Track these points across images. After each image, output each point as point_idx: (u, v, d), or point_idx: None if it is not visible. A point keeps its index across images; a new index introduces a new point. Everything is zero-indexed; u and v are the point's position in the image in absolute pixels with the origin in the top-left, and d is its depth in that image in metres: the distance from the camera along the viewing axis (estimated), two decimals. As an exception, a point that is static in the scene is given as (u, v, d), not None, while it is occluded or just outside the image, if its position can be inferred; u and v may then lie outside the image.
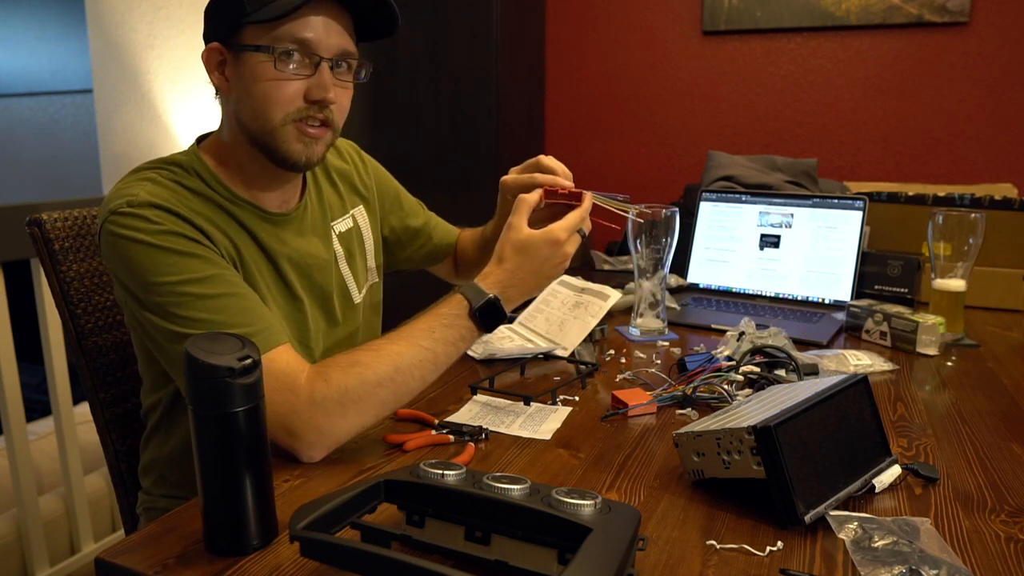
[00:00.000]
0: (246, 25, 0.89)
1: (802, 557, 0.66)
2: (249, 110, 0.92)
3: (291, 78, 0.90)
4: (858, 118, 2.40)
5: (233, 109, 0.94)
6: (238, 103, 0.93)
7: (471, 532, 0.62)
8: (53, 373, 1.88)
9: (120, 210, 0.86)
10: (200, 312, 0.84)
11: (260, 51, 0.89)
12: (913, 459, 0.86)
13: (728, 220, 1.67)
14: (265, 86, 0.90)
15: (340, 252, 1.10)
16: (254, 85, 0.90)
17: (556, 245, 0.90)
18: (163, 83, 2.98)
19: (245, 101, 0.92)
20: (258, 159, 0.95)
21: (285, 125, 0.91)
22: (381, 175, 1.25)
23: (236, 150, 0.96)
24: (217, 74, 0.94)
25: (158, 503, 1.05)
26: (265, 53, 0.89)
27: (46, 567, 1.83)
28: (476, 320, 0.88)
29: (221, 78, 0.93)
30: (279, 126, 0.91)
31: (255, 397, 0.64)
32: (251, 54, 0.89)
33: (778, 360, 1.09)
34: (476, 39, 2.40)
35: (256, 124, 0.92)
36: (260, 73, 0.89)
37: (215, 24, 0.92)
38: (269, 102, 0.90)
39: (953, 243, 1.32)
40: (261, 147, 0.93)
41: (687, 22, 2.54)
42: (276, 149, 0.92)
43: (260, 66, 0.89)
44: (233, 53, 0.91)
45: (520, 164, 1.08)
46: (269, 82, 0.89)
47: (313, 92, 0.91)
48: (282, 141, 0.92)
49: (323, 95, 0.91)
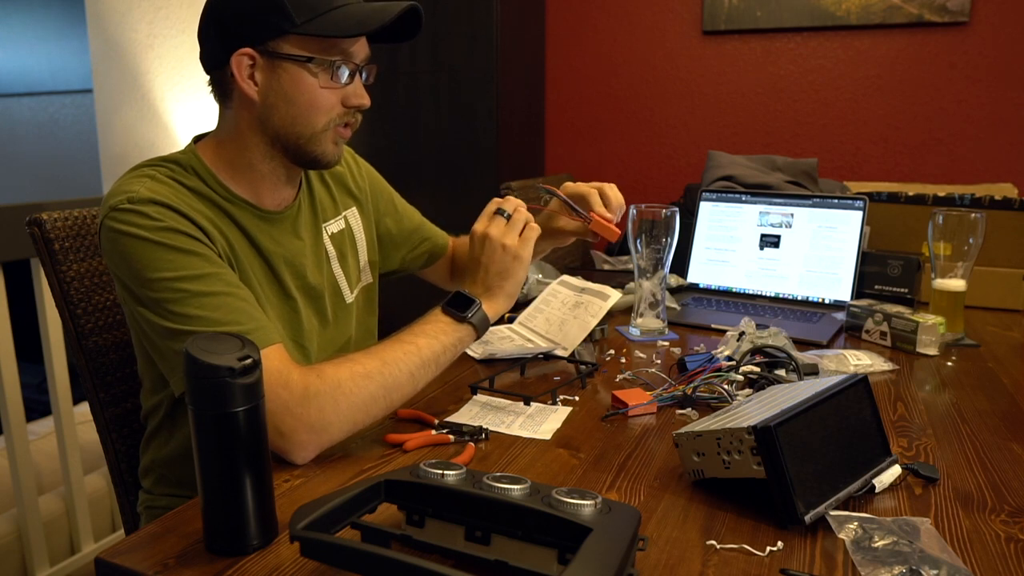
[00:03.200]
0: (290, 34, 0.90)
1: (802, 557, 0.66)
2: (287, 116, 0.93)
3: (337, 88, 0.94)
4: (858, 118, 2.40)
5: (258, 114, 0.94)
6: (270, 108, 0.93)
7: (471, 532, 0.62)
8: (53, 373, 1.88)
9: (120, 206, 0.87)
10: (195, 309, 0.84)
11: (308, 62, 0.91)
12: (913, 459, 0.86)
13: (728, 220, 1.67)
14: (312, 95, 0.93)
15: (332, 252, 1.10)
16: (298, 94, 0.92)
17: (475, 236, 0.97)
18: (163, 83, 2.98)
19: (282, 107, 0.93)
20: (275, 160, 0.97)
21: (326, 131, 0.96)
22: (374, 177, 1.26)
23: (246, 151, 0.96)
24: (245, 80, 0.92)
25: (159, 502, 1.05)
26: (313, 64, 0.91)
27: (46, 567, 1.83)
28: (451, 313, 0.93)
29: (250, 83, 0.93)
30: (320, 132, 0.95)
31: (255, 397, 0.64)
32: (295, 64, 0.91)
33: (778, 360, 1.09)
34: (476, 39, 2.40)
35: (295, 129, 0.94)
36: (306, 82, 0.92)
37: (246, 29, 0.91)
38: (315, 110, 0.93)
39: (953, 243, 1.32)
40: (292, 150, 0.96)
41: (687, 22, 2.54)
42: (311, 151, 0.96)
43: (306, 76, 0.92)
44: (268, 60, 0.91)
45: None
46: (317, 91, 0.93)
47: (351, 99, 0.96)
48: (319, 144, 0.96)
49: (362, 102, 0.97)
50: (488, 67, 2.40)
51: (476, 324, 0.93)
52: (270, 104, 0.93)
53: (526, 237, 0.96)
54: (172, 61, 2.97)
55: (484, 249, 0.95)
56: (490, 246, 0.95)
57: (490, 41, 2.39)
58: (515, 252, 0.95)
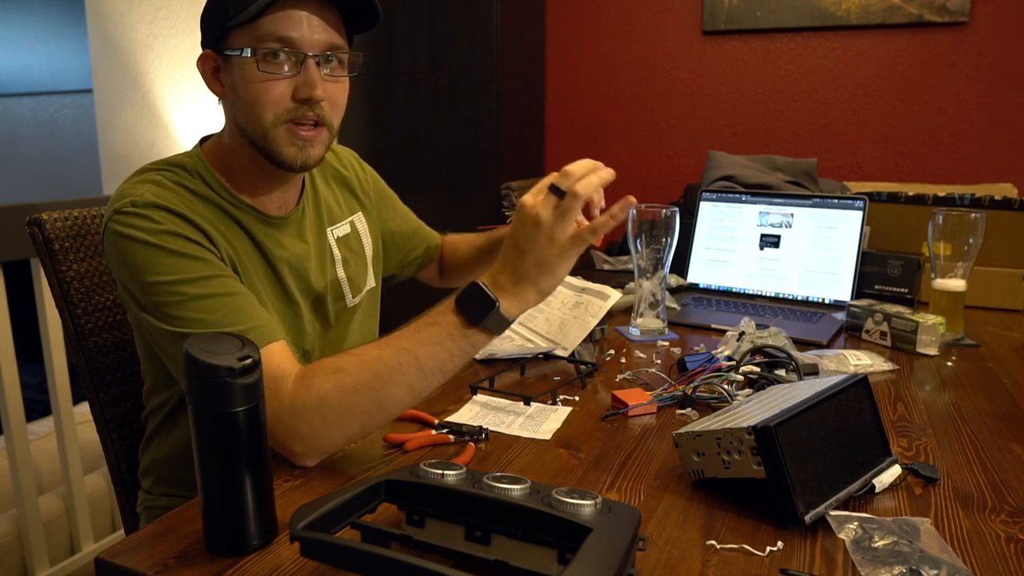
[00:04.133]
0: (232, 30, 0.89)
1: (802, 557, 0.66)
2: (243, 114, 0.92)
3: (277, 78, 0.89)
4: (858, 118, 2.40)
5: (231, 114, 0.95)
6: (233, 107, 0.94)
7: (471, 532, 0.62)
8: (53, 373, 1.88)
9: (124, 209, 0.87)
10: (193, 312, 0.84)
11: (247, 54, 0.89)
12: (913, 459, 0.86)
13: (728, 220, 1.67)
14: (253, 88, 0.89)
15: (338, 257, 1.10)
16: (244, 88, 0.90)
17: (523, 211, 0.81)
18: (163, 83, 2.98)
19: (238, 105, 0.92)
20: (258, 161, 0.96)
21: (277, 127, 0.91)
22: (379, 183, 1.27)
23: (237, 152, 0.97)
24: (213, 80, 0.95)
25: (159, 501, 1.05)
26: (250, 55, 0.89)
27: (46, 567, 1.83)
28: (463, 313, 0.79)
29: (217, 84, 0.94)
30: (270, 128, 0.91)
31: (255, 397, 0.64)
32: (238, 58, 0.90)
33: (778, 360, 1.09)
34: (476, 39, 2.40)
35: (250, 127, 0.92)
36: (248, 76, 0.90)
37: (206, 32, 0.93)
38: (258, 104, 0.90)
39: (953, 243, 1.32)
40: (258, 149, 0.94)
41: (687, 22, 2.54)
42: (271, 152, 0.92)
43: (247, 69, 0.90)
44: (224, 58, 0.92)
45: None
46: (257, 84, 0.89)
47: (300, 90, 0.90)
48: (275, 144, 0.91)
49: (310, 93, 0.89)
50: (488, 67, 2.40)
51: (491, 328, 0.80)
52: (232, 103, 0.94)
53: (580, 237, 0.80)
54: (172, 61, 2.97)
55: (527, 232, 0.79)
56: (536, 232, 0.79)
57: (490, 41, 2.39)
58: (562, 249, 0.79)
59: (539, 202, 0.80)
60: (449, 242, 1.36)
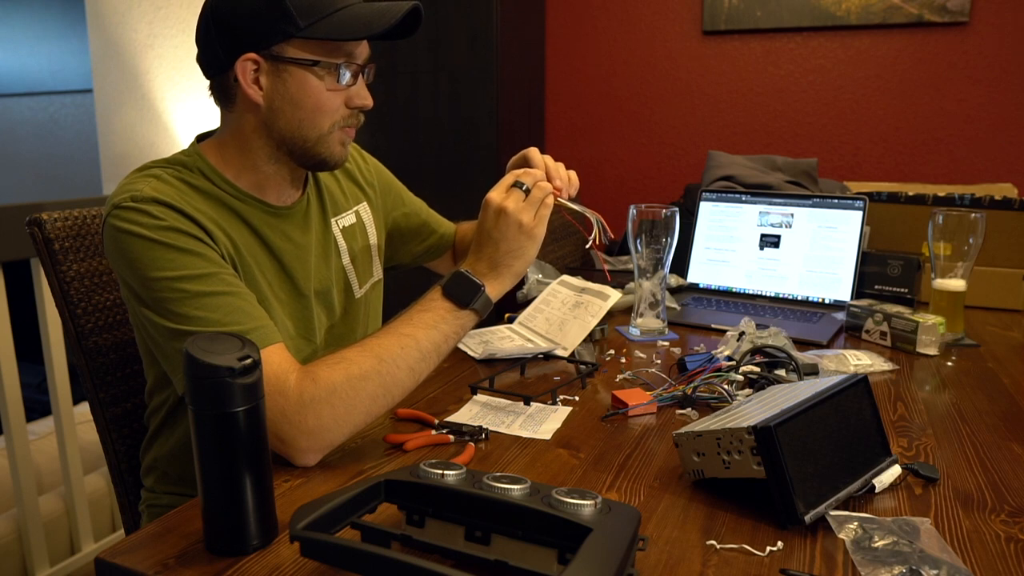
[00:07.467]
0: (294, 37, 0.90)
1: (802, 557, 0.66)
2: (294, 120, 0.93)
3: (341, 89, 0.94)
4: (858, 118, 2.40)
5: (263, 118, 0.94)
6: (275, 112, 0.93)
7: (471, 532, 0.62)
8: (53, 373, 1.88)
9: (123, 204, 0.87)
10: (194, 309, 0.84)
11: (313, 65, 0.91)
12: (913, 459, 0.86)
13: (728, 220, 1.67)
14: (318, 98, 0.93)
15: (343, 247, 1.10)
16: (304, 97, 0.92)
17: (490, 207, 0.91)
18: (163, 83, 2.98)
19: (288, 111, 0.93)
20: (280, 162, 0.97)
21: (332, 132, 0.96)
22: (382, 172, 1.27)
23: (251, 154, 0.97)
24: (250, 84, 0.92)
25: (160, 500, 1.05)
26: (319, 67, 0.91)
27: (46, 567, 1.83)
28: (451, 298, 0.88)
29: (254, 88, 0.92)
30: (327, 134, 0.95)
31: (255, 397, 0.64)
32: (300, 68, 0.91)
33: (778, 360, 1.08)
34: (476, 39, 2.40)
35: (301, 133, 0.94)
36: (312, 85, 0.92)
37: (250, 34, 0.90)
38: (321, 113, 0.93)
39: (953, 243, 1.32)
40: (299, 153, 0.96)
41: (687, 22, 2.54)
42: (319, 154, 0.96)
43: (311, 79, 0.92)
44: (273, 64, 0.91)
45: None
46: (323, 94, 0.93)
47: (355, 100, 0.96)
48: (326, 146, 0.96)
49: (365, 103, 0.96)
50: (488, 67, 2.40)
51: (479, 310, 0.89)
52: (276, 108, 0.93)
53: (541, 216, 0.91)
54: (172, 61, 2.97)
55: (498, 224, 0.90)
56: (505, 221, 0.89)
57: (490, 41, 2.39)
58: (530, 231, 0.90)
59: (505, 196, 0.91)
60: (463, 230, 1.36)
